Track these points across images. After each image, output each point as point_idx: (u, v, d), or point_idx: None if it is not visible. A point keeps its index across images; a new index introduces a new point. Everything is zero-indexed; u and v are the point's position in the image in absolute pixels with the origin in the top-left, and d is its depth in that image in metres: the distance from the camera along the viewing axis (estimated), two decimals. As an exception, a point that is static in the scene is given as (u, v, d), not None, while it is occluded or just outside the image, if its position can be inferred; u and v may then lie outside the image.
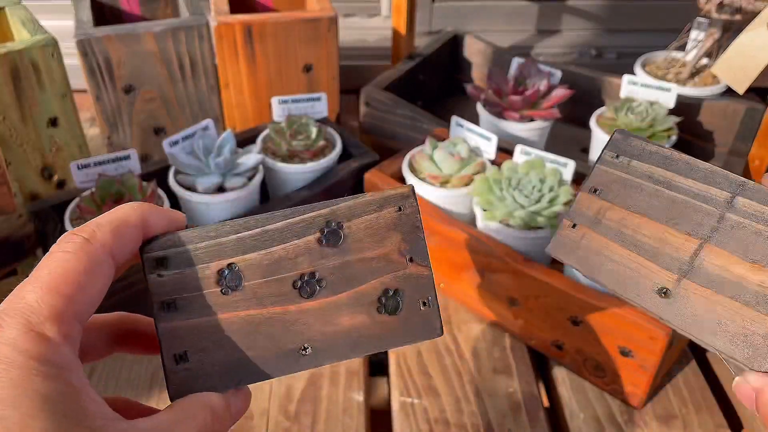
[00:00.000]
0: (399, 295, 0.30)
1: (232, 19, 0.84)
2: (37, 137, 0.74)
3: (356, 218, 0.30)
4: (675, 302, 0.30)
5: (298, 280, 0.29)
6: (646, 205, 0.32)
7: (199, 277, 0.28)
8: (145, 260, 0.28)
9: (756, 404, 0.27)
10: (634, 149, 0.33)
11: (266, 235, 0.29)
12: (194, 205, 0.70)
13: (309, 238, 0.29)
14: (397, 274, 0.30)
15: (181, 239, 0.29)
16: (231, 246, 0.29)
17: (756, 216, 0.29)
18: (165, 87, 0.84)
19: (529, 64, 0.89)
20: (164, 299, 0.28)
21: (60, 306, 0.24)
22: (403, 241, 0.30)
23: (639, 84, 0.85)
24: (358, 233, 0.30)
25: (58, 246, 0.25)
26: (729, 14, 0.86)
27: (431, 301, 0.30)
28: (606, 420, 0.62)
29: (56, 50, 0.72)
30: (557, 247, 0.33)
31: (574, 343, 0.64)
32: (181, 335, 0.28)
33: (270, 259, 0.29)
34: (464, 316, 0.73)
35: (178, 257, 0.28)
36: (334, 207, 0.30)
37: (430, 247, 0.72)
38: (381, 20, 1.27)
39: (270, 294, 0.29)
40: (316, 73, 0.91)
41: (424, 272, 0.30)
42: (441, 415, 0.62)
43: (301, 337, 0.29)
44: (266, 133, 0.80)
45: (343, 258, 0.30)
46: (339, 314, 0.29)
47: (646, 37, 1.22)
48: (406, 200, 0.30)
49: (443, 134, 0.81)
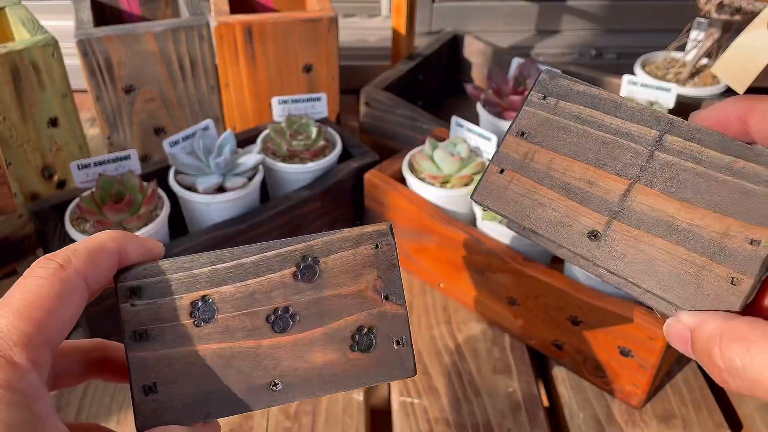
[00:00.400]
0: (373, 332, 0.30)
1: (233, 19, 0.84)
2: (37, 137, 0.74)
3: (333, 254, 0.30)
4: (605, 245, 0.29)
5: (271, 314, 0.29)
6: (575, 146, 0.30)
7: (172, 308, 0.28)
8: (119, 289, 0.28)
9: (691, 344, 0.26)
10: (561, 89, 0.31)
11: (241, 268, 0.29)
12: (194, 205, 0.71)
13: (284, 272, 0.29)
14: (371, 311, 0.30)
15: (156, 269, 0.29)
16: (205, 278, 0.29)
17: (684, 153, 0.29)
18: (165, 87, 0.84)
19: (529, 64, 0.89)
20: (136, 329, 0.28)
21: (30, 332, 0.23)
22: (379, 279, 0.30)
23: (639, 84, 0.85)
24: (334, 269, 0.30)
25: (32, 270, 0.25)
26: (729, 14, 0.86)
27: (405, 340, 0.30)
28: (606, 420, 0.62)
29: (56, 50, 0.72)
30: (483, 193, 0.31)
31: (574, 342, 0.64)
32: (151, 366, 0.28)
33: (244, 293, 0.29)
34: (464, 316, 0.73)
35: (152, 287, 0.28)
36: (310, 242, 0.30)
37: (430, 247, 0.72)
38: (381, 20, 1.27)
39: (243, 327, 0.29)
40: (316, 73, 0.91)
41: (399, 311, 0.30)
42: (441, 414, 0.62)
43: (273, 373, 0.29)
44: (266, 133, 0.80)
45: (318, 293, 0.29)
46: (311, 350, 0.29)
47: (646, 37, 1.22)
48: (383, 238, 0.30)
49: (443, 134, 0.81)
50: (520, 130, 0.32)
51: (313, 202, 0.75)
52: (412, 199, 0.72)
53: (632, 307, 0.59)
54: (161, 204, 0.68)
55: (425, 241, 0.73)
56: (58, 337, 0.25)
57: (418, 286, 0.77)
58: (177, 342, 0.28)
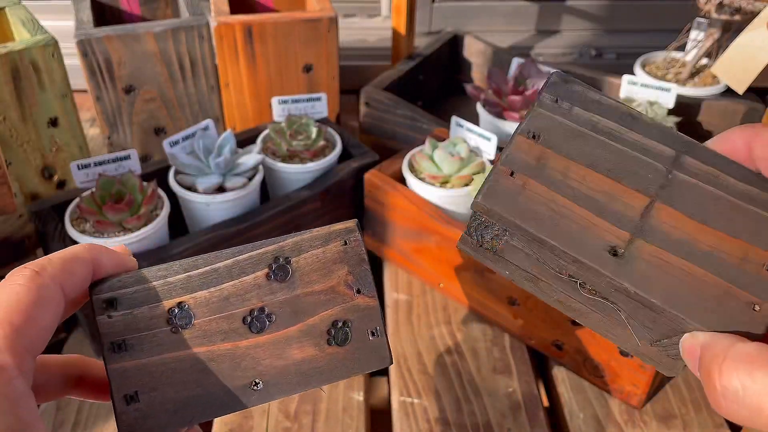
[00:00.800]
0: (348, 326, 0.30)
1: (233, 19, 0.84)
2: (37, 137, 0.74)
3: (303, 253, 0.31)
4: (626, 262, 0.28)
5: (248, 315, 0.30)
6: (591, 155, 0.29)
7: (149, 316, 0.29)
8: (94, 302, 0.28)
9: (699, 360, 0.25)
10: (574, 95, 0.30)
11: (215, 272, 0.30)
12: (194, 205, 0.71)
13: (258, 273, 0.30)
14: (344, 306, 0.31)
15: (130, 280, 0.29)
16: (180, 285, 0.29)
17: (703, 176, 0.28)
18: (165, 87, 0.84)
19: (529, 64, 0.89)
20: (114, 340, 0.28)
21: (12, 337, 0.23)
22: (350, 274, 0.31)
23: (639, 84, 0.85)
24: (305, 267, 0.30)
25: (8, 278, 0.25)
26: (728, 14, 0.86)
27: (379, 331, 0.31)
28: (605, 420, 0.62)
29: (56, 50, 0.72)
30: (492, 197, 0.29)
31: (574, 342, 0.64)
32: (131, 375, 0.28)
33: (219, 296, 0.30)
34: (464, 316, 0.73)
35: (128, 298, 0.29)
36: (281, 243, 0.30)
37: (430, 247, 0.72)
38: (381, 20, 1.27)
39: (220, 330, 0.29)
40: (316, 74, 0.91)
41: (370, 303, 0.31)
42: (441, 414, 0.62)
43: (252, 372, 0.29)
44: (266, 133, 0.80)
45: (291, 292, 0.30)
46: (289, 347, 0.30)
47: (646, 37, 1.22)
48: (350, 234, 0.31)
49: (443, 134, 0.81)
50: (531, 131, 0.30)
51: (313, 202, 0.75)
52: (412, 199, 0.72)
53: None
54: (161, 204, 0.69)
55: (425, 241, 0.73)
56: (39, 343, 0.25)
57: (418, 286, 0.77)
58: (156, 350, 0.29)
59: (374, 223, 0.78)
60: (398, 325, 0.72)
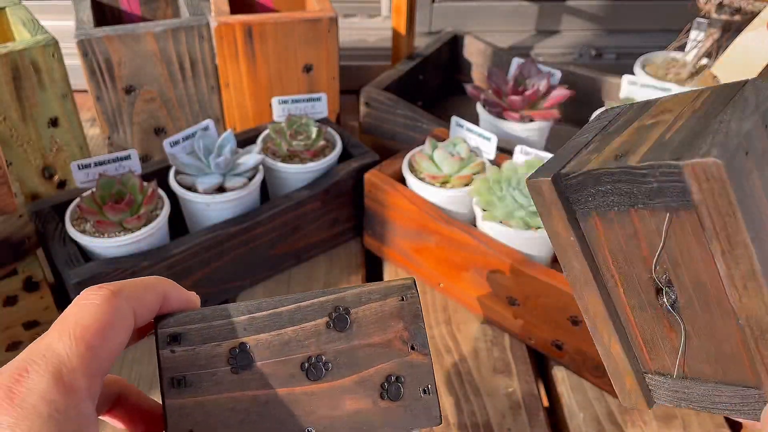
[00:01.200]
0: (401, 381, 0.31)
1: (233, 19, 0.84)
2: (37, 137, 0.74)
3: (362, 305, 0.31)
4: None
5: (305, 362, 0.30)
6: None
7: (211, 354, 0.29)
8: (159, 335, 0.28)
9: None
10: None
11: (278, 316, 0.30)
12: (195, 205, 0.71)
13: (318, 321, 0.30)
14: (399, 360, 0.31)
15: (196, 316, 0.29)
16: (243, 325, 0.29)
17: None
18: (165, 87, 0.84)
19: (529, 65, 0.89)
20: (174, 375, 0.28)
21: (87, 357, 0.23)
22: (405, 330, 0.31)
23: (639, 84, 0.85)
24: (364, 319, 0.31)
25: (84, 296, 0.25)
26: (728, 14, 0.86)
27: (431, 389, 0.31)
28: (605, 419, 0.62)
29: (57, 50, 0.72)
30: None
31: (574, 342, 0.64)
32: (188, 413, 0.28)
33: (281, 341, 0.30)
34: (464, 315, 0.73)
35: (192, 334, 0.29)
36: (342, 294, 0.31)
37: (430, 247, 0.72)
38: (381, 21, 1.27)
39: (279, 374, 0.29)
40: (317, 74, 0.91)
41: (424, 360, 0.31)
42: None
43: (306, 420, 0.29)
44: (266, 133, 0.80)
45: (349, 342, 0.30)
46: (343, 398, 0.30)
47: (646, 37, 1.22)
48: (408, 291, 0.31)
49: (443, 134, 0.81)
50: None
51: (313, 202, 0.76)
52: (412, 199, 0.72)
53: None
54: (161, 204, 0.69)
55: (425, 241, 0.73)
56: (108, 365, 0.24)
57: (419, 286, 0.77)
58: (215, 389, 0.29)
59: (374, 223, 0.78)
60: (398, 325, 0.72)
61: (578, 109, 0.94)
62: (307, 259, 0.80)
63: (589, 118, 0.87)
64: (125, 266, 0.63)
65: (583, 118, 0.91)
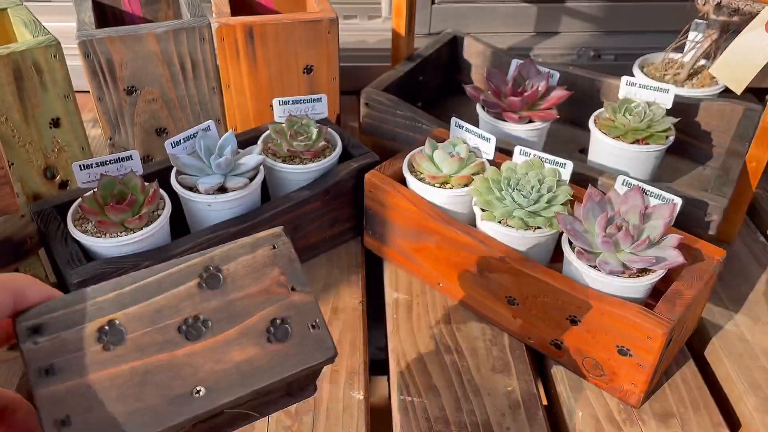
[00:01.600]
0: (287, 322, 0.31)
1: (234, 20, 0.84)
2: (39, 138, 0.74)
3: (232, 261, 0.31)
4: None
5: (182, 324, 0.30)
6: None
7: (78, 337, 0.28)
8: (18, 331, 0.28)
9: None
10: None
11: (145, 288, 0.30)
12: (196, 205, 0.71)
13: (189, 284, 0.30)
14: (281, 304, 0.31)
15: (57, 304, 0.28)
16: (109, 303, 0.29)
17: None
18: (167, 88, 0.85)
19: (528, 65, 0.89)
20: (40, 365, 0.27)
21: None
22: (282, 274, 0.31)
23: (637, 85, 0.85)
24: (236, 273, 0.31)
25: None
26: (727, 15, 0.86)
27: (319, 323, 0.31)
28: (604, 418, 0.63)
29: (58, 51, 0.72)
30: None
31: (573, 342, 0.64)
32: (61, 399, 0.27)
33: (151, 310, 0.29)
34: (463, 315, 0.73)
35: (54, 322, 0.28)
36: (210, 254, 0.31)
37: (430, 247, 0.73)
38: (381, 22, 1.28)
39: (154, 343, 0.29)
40: (317, 75, 0.91)
41: (307, 298, 0.31)
42: (440, 413, 0.63)
43: (192, 380, 0.29)
44: (267, 134, 0.80)
45: (225, 298, 0.30)
46: (229, 351, 0.30)
47: (645, 38, 1.23)
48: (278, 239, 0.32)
49: (443, 135, 0.81)
50: None
51: (314, 203, 0.76)
52: (412, 199, 0.73)
53: (630, 307, 0.59)
54: (163, 204, 0.69)
55: (425, 241, 0.73)
56: None
57: (418, 285, 0.77)
58: (87, 370, 0.28)
59: (374, 223, 0.79)
60: (398, 324, 0.72)
61: (577, 109, 0.95)
62: (308, 259, 0.80)
63: (587, 118, 0.87)
64: (127, 266, 0.64)
65: (581, 118, 0.91)
